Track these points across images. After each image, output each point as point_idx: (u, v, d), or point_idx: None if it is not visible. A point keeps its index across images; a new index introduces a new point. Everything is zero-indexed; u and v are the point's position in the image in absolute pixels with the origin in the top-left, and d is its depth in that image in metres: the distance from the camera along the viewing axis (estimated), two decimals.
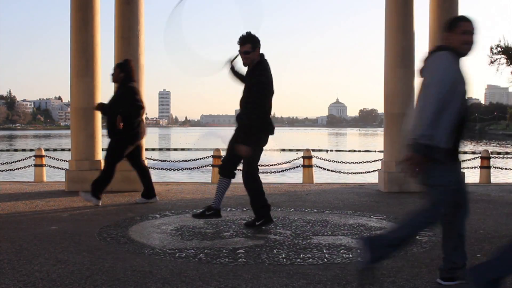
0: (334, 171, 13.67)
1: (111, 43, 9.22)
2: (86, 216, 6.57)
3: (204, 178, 15.30)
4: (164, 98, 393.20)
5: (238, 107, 5.71)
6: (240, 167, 5.59)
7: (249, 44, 5.38)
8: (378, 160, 12.35)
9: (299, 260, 4.36)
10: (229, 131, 6.01)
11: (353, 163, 17.42)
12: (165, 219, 6.27)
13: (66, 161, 10.76)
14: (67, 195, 8.48)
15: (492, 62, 19.16)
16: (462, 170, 3.62)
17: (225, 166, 5.58)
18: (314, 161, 12.60)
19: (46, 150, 14.23)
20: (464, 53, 3.55)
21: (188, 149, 22.51)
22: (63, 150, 18.38)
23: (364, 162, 15.31)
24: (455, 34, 3.54)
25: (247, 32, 5.43)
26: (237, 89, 5.63)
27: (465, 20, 3.57)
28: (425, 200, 3.56)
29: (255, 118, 5.34)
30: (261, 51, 5.48)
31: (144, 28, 9.29)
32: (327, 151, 20.29)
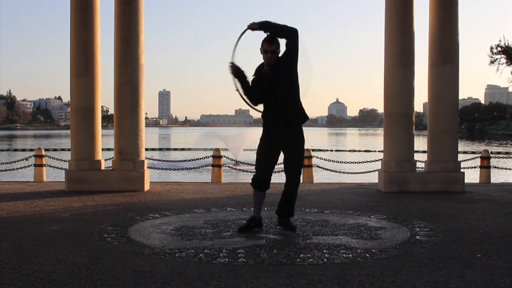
0: (334, 171, 13.69)
1: (111, 43, 9.23)
2: (86, 216, 6.57)
3: (204, 178, 15.31)
4: (164, 98, 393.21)
5: (238, 107, 5.68)
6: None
7: (276, 44, 5.31)
8: (378, 160, 12.36)
9: (299, 260, 4.36)
10: (229, 131, 6.00)
11: (353, 163, 17.45)
12: (165, 219, 6.27)
13: (66, 161, 10.76)
14: (67, 195, 8.48)
15: (492, 62, 19.13)
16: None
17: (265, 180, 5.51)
18: (314, 161, 12.61)
19: (46, 150, 14.24)
20: None
21: (188, 149, 22.55)
22: (63, 150, 18.42)
23: (364, 162, 15.33)
24: None
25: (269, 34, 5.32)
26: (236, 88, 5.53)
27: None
28: None
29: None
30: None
31: (144, 28, 9.30)
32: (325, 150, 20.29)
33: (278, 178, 14.91)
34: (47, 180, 12.27)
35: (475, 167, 13.19)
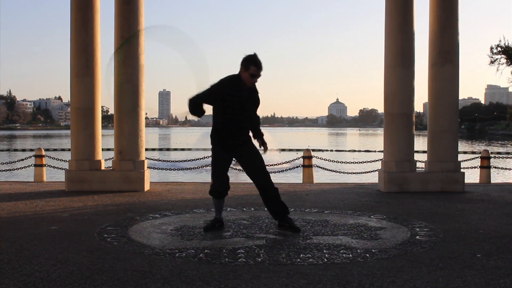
0: (334, 171, 13.69)
1: (111, 43, 9.22)
2: (86, 216, 6.57)
3: (204, 178, 15.30)
4: (164, 98, 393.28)
5: None
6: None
7: (262, 70, 5.37)
8: (378, 160, 12.36)
9: (299, 260, 4.35)
10: None
11: (353, 163, 17.45)
12: (165, 219, 6.27)
13: (66, 161, 10.76)
14: (67, 195, 8.48)
15: (492, 62, 19.15)
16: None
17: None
18: (314, 161, 12.61)
19: (46, 150, 14.24)
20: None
21: (188, 149, 22.55)
22: (63, 150, 18.41)
23: (364, 162, 15.33)
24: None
25: (255, 55, 5.32)
26: None
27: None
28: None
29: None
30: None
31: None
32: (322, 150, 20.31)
33: (279, 178, 14.84)
34: (47, 180, 12.27)
35: (475, 167, 13.19)
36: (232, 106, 5.35)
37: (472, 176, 14.17)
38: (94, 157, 9.27)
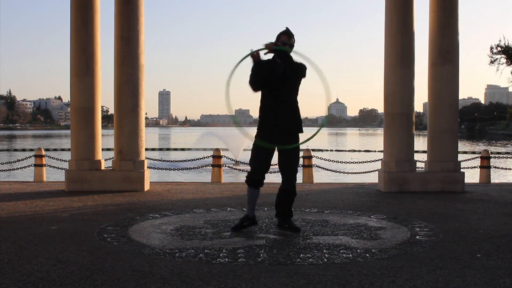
0: (334, 171, 13.69)
1: (111, 43, 9.22)
2: (86, 216, 6.57)
3: (204, 178, 15.31)
4: (164, 98, 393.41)
5: (238, 107, 5.68)
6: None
7: (294, 39, 5.43)
8: (378, 160, 12.36)
9: (299, 260, 4.35)
10: (229, 131, 6.00)
11: (353, 163, 17.45)
12: (165, 219, 6.27)
13: (66, 161, 10.76)
14: (67, 195, 8.48)
15: (492, 62, 19.15)
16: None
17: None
18: (314, 161, 12.60)
19: (46, 150, 14.23)
20: None
21: (188, 149, 22.56)
22: (63, 150, 18.41)
23: (364, 162, 15.32)
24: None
25: (287, 28, 5.47)
26: (235, 89, 5.54)
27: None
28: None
29: None
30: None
31: (144, 28, 9.30)
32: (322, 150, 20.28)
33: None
34: (47, 180, 12.26)
35: (475, 167, 13.18)
36: (272, 79, 5.28)
37: (472, 176, 14.17)
38: (94, 157, 9.27)
